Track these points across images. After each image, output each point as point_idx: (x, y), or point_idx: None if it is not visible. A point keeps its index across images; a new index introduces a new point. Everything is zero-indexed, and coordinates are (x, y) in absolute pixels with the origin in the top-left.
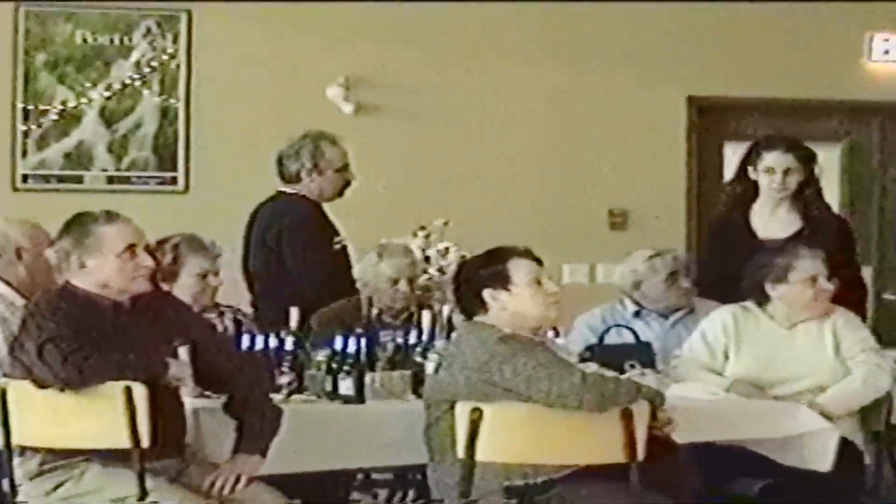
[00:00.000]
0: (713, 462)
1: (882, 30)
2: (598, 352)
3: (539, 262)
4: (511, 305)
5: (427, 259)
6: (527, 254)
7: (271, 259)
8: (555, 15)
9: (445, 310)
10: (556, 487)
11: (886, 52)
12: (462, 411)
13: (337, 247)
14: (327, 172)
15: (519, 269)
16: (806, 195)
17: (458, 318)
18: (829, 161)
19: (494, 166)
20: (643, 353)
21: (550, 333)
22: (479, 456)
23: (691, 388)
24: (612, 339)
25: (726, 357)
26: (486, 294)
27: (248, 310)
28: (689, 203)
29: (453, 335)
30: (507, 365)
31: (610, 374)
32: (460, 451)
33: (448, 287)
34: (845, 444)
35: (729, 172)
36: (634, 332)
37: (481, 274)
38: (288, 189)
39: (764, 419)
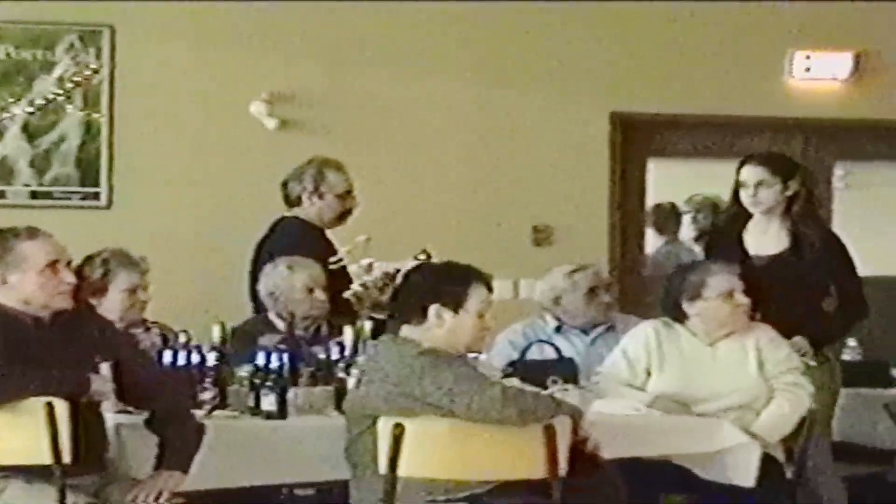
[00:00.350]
0: (640, 477)
1: (803, 47)
2: (521, 367)
3: (491, 290)
4: (451, 326)
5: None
6: (486, 280)
7: None
8: (478, 30)
9: (368, 325)
10: (479, 503)
11: (808, 69)
12: (384, 427)
13: (332, 268)
14: (327, 197)
15: (476, 297)
16: (793, 211)
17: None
18: None
19: (418, 182)
20: (566, 369)
21: None
22: (402, 471)
23: (614, 404)
24: (534, 354)
25: (648, 374)
26: (433, 309)
27: (177, 326)
28: (613, 219)
29: (373, 350)
30: (428, 379)
31: (531, 388)
32: (382, 467)
33: (370, 302)
34: (767, 459)
35: (652, 188)
36: (557, 348)
37: (438, 288)
38: (289, 213)
39: (686, 435)
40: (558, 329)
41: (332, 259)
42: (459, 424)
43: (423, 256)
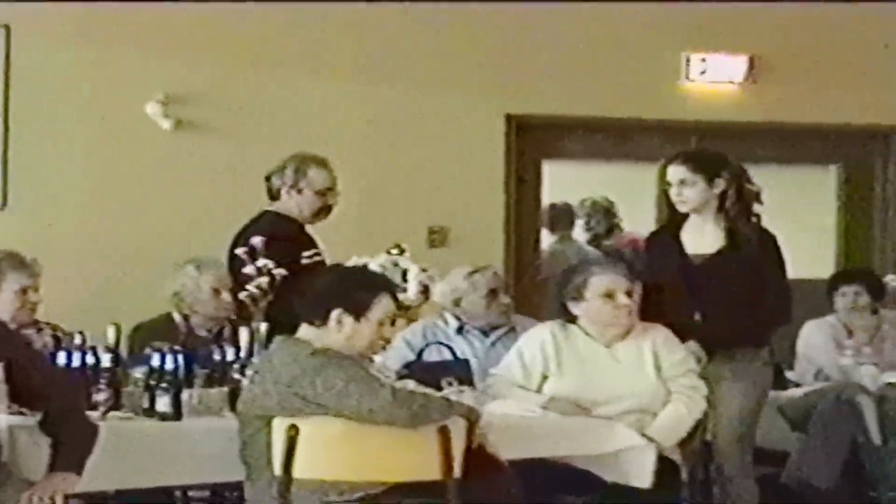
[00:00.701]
0: (541, 478)
1: (699, 50)
2: (417, 369)
3: (397, 300)
4: (350, 333)
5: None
6: (393, 290)
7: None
8: (374, 32)
9: (263, 327)
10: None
11: (703, 72)
12: (278, 428)
13: (305, 261)
14: (306, 192)
15: (380, 307)
16: (727, 209)
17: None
18: (645, 180)
19: None
20: (461, 371)
21: None
22: (297, 473)
23: (509, 406)
24: (431, 356)
25: (544, 377)
26: (335, 313)
27: (72, 327)
28: (508, 220)
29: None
30: (319, 379)
31: (423, 390)
32: (277, 469)
33: (262, 302)
34: (662, 460)
35: (547, 190)
36: (452, 350)
37: (344, 293)
38: (269, 207)
39: (581, 436)
40: (460, 330)
41: (306, 254)
42: (354, 426)
43: (395, 251)
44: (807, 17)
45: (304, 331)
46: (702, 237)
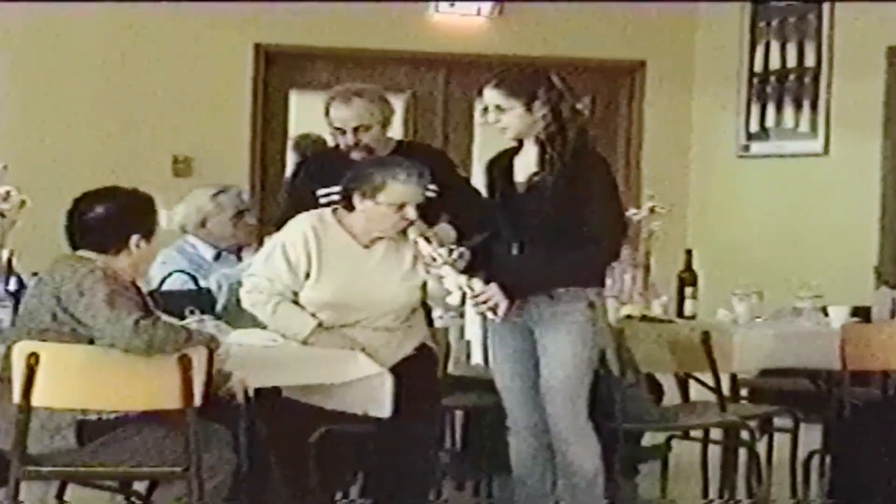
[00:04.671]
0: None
1: None
2: (159, 298)
3: None
4: (142, 255)
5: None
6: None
7: None
8: None
9: (5, 254)
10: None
11: (452, 4)
12: (19, 355)
13: (322, 200)
14: (332, 130)
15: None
16: (546, 135)
17: None
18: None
19: (59, 110)
20: (202, 300)
21: None
22: (36, 401)
23: (252, 336)
24: (174, 284)
25: (307, 276)
26: (135, 240)
27: None
28: (254, 151)
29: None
30: (84, 298)
31: (167, 320)
32: (16, 397)
33: (9, 231)
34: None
35: (294, 120)
36: (194, 278)
37: (142, 219)
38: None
39: (322, 365)
40: (217, 257)
41: (323, 191)
42: (94, 353)
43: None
44: None
45: (88, 253)
46: (525, 163)
